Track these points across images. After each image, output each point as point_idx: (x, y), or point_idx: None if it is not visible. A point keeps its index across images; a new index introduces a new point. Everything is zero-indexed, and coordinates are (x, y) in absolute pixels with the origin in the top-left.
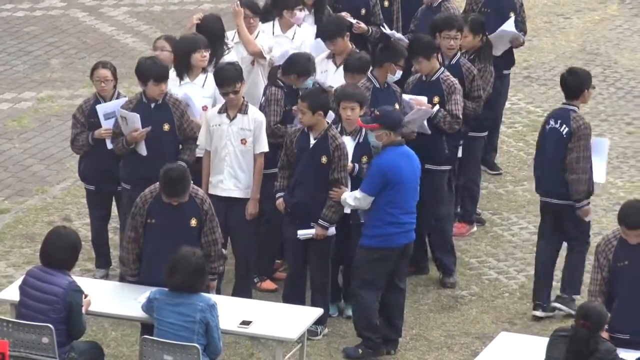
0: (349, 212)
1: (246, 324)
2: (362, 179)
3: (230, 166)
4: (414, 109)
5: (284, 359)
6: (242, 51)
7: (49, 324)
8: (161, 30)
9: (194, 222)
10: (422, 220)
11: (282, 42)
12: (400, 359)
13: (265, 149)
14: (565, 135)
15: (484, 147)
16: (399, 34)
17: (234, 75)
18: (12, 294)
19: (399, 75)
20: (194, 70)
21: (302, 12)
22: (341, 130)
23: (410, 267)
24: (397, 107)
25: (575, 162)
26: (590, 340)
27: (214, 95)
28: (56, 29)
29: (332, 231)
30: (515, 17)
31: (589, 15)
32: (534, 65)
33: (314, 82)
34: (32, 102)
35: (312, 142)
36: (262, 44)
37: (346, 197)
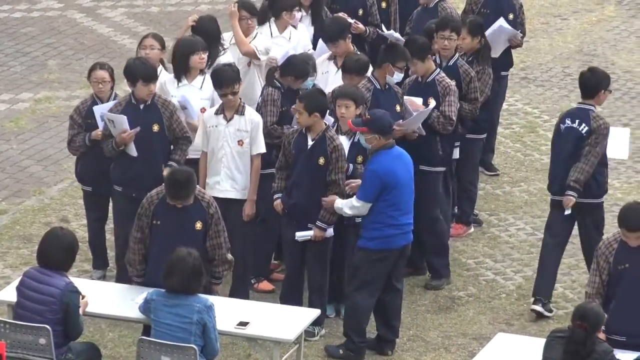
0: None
1: (243, 324)
2: (358, 179)
3: (227, 167)
4: (414, 114)
5: (281, 359)
6: (238, 52)
7: (46, 325)
8: (159, 31)
9: (199, 225)
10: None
11: (280, 43)
12: (397, 359)
13: (262, 150)
14: (585, 134)
15: (482, 148)
16: (397, 34)
17: (232, 76)
18: (9, 295)
19: (399, 77)
20: (192, 72)
21: (299, 12)
22: (337, 129)
23: (407, 268)
24: (398, 108)
25: (585, 154)
26: (587, 341)
27: (212, 96)
28: (53, 30)
29: (330, 232)
30: (514, 19)
31: (586, 16)
32: (531, 66)
33: (314, 83)
34: (29, 103)
35: (310, 143)
36: (257, 45)
37: (342, 205)
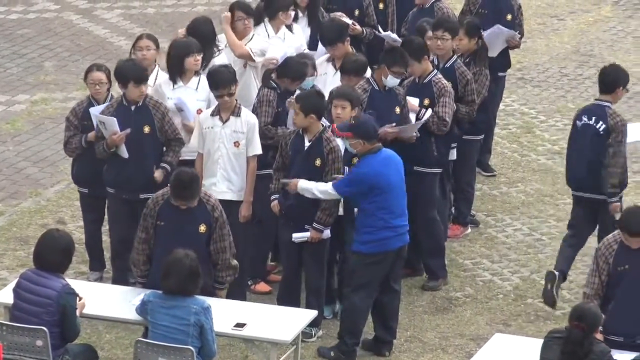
0: (342, 213)
1: (240, 326)
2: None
3: (223, 169)
4: (409, 123)
5: None
6: (232, 55)
7: (43, 327)
8: (155, 32)
9: (202, 228)
10: (416, 222)
11: (276, 43)
12: None
13: (258, 151)
14: (602, 131)
15: (479, 149)
16: (394, 35)
17: (228, 77)
18: (5, 297)
19: (394, 82)
20: (187, 73)
21: (293, 11)
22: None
23: (404, 269)
24: (398, 110)
25: (611, 157)
26: (584, 341)
27: (208, 97)
28: (50, 31)
29: (327, 234)
30: (512, 19)
31: (583, 16)
32: (527, 66)
33: (313, 84)
34: (25, 104)
35: (307, 144)
36: (253, 47)
37: (312, 186)
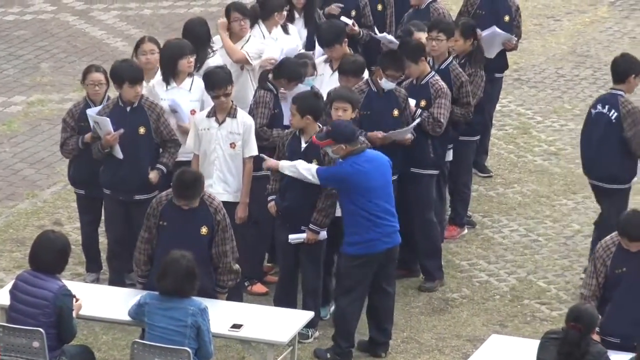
0: (339, 214)
1: (237, 327)
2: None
3: (219, 170)
4: (400, 129)
5: None
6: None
7: (39, 328)
8: (152, 34)
9: (204, 230)
10: (413, 224)
11: (270, 44)
12: None
13: (254, 152)
14: (614, 120)
15: (475, 150)
16: (390, 37)
17: (224, 78)
18: (2, 298)
19: (388, 85)
20: (180, 75)
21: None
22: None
23: (401, 270)
24: (396, 113)
25: (634, 137)
26: (581, 342)
27: (202, 98)
28: (46, 32)
29: (324, 235)
30: (510, 21)
31: (579, 17)
32: (524, 67)
33: (312, 84)
34: (22, 106)
35: (303, 145)
36: (249, 50)
37: (295, 164)
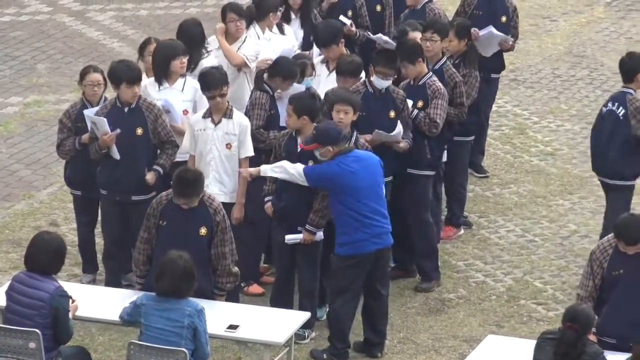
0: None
1: (233, 328)
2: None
3: (215, 171)
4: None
5: None
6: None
7: (36, 329)
8: (148, 34)
9: (203, 230)
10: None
11: (264, 44)
12: None
13: (250, 153)
14: (622, 117)
15: (470, 150)
16: (385, 37)
17: (220, 78)
18: None
19: (380, 83)
20: (173, 76)
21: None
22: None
23: (397, 270)
24: (392, 114)
25: None
26: (577, 342)
27: (194, 98)
28: (42, 33)
29: (320, 236)
30: (507, 21)
31: (575, 17)
32: (520, 68)
33: (311, 85)
34: (18, 107)
35: (299, 146)
36: (246, 53)
37: (282, 164)
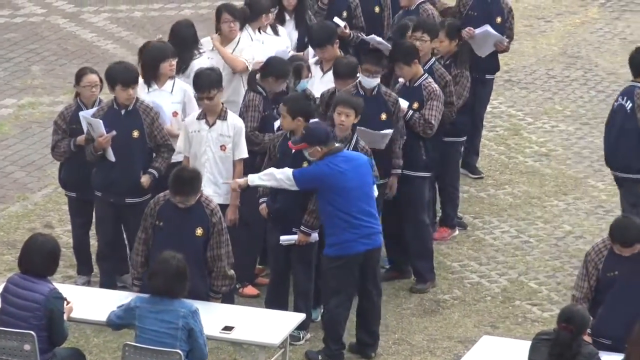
0: None
1: (228, 329)
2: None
3: (209, 172)
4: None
5: None
6: (220, 59)
7: (30, 331)
8: (142, 36)
9: (199, 231)
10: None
11: (256, 46)
12: None
13: (244, 155)
14: (629, 110)
15: (462, 151)
16: (378, 38)
17: (210, 81)
18: None
19: (370, 81)
20: (162, 77)
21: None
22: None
23: (392, 271)
24: (384, 116)
25: None
26: (572, 343)
27: (183, 100)
28: (36, 35)
29: (315, 237)
30: (502, 22)
31: (570, 18)
32: (514, 68)
33: (307, 87)
34: (12, 108)
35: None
36: (245, 56)
37: (271, 171)
